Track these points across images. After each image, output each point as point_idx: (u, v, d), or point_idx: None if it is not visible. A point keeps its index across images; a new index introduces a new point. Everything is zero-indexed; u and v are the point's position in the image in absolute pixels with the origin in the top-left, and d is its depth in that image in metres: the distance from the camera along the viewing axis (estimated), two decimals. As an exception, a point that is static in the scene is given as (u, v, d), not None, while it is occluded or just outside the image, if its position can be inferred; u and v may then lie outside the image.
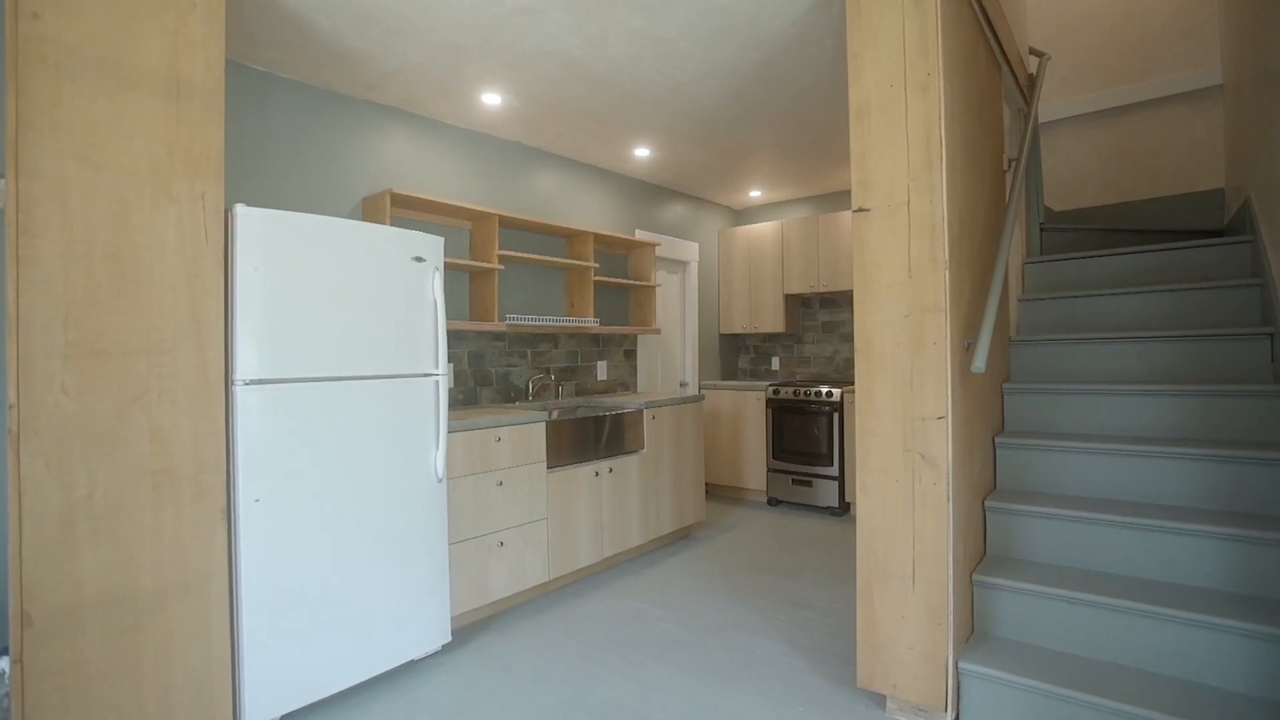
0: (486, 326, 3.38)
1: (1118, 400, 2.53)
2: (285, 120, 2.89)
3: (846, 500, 4.60)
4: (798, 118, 3.57)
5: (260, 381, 1.99)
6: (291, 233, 2.07)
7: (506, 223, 3.63)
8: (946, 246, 1.96)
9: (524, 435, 3.03)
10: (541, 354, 4.00)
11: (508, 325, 3.55)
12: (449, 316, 3.47)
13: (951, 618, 1.97)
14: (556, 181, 4.17)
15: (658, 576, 3.43)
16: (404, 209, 3.23)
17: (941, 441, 1.97)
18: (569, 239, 4.15)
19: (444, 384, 2.52)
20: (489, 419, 2.86)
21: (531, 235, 3.96)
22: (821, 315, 5.40)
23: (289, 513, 2.05)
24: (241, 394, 1.94)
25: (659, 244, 4.49)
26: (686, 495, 4.08)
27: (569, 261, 3.85)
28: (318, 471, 2.12)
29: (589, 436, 3.41)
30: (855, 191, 2.14)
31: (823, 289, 5.01)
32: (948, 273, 1.97)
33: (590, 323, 3.95)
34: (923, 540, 2.01)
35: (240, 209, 1.94)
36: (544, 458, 3.13)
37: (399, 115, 3.32)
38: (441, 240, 2.56)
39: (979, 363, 2.00)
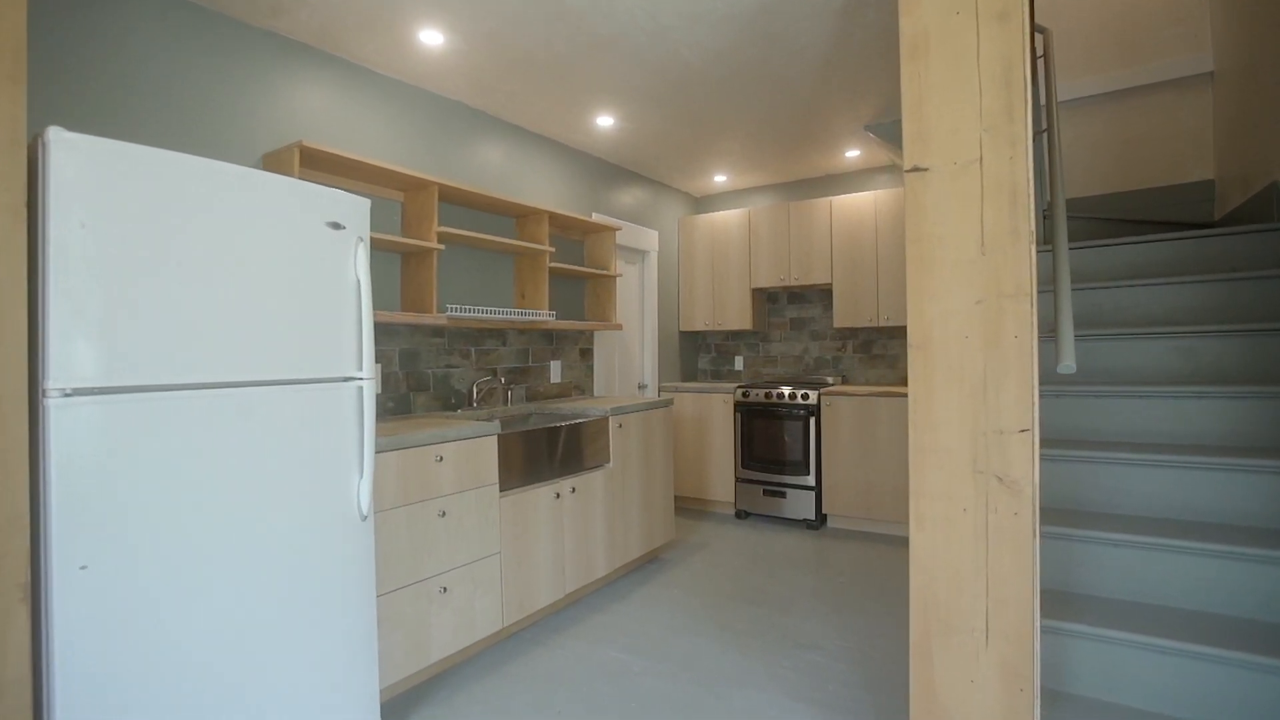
0: (422, 319, 2.77)
1: (1166, 404, 2.22)
2: (155, 43, 2.20)
3: (824, 512, 4.23)
4: (786, 86, 3.14)
5: (93, 391, 1.35)
6: (142, 175, 1.44)
7: (448, 195, 3.03)
8: (1032, 215, 1.55)
9: (471, 452, 2.45)
10: (488, 353, 3.41)
11: (448, 318, 2.95)
12: (377, 306, 2.84)
13: (1038, 682, 1.56)
14: (505, 154, 3.59)
15: (630, 613, 2.92)
16: (318, 170, 2.58)
17: (1025, 461, 1.56)
18: (520, 219, 3.57)
19: (371, 391, 1.92)
20: (428, 433, 2.28)
21: (476, 214, 3.37)
22: (790, 311, 5.03)
23: (138, 581, 1.42)
24: (58, 410, 1.30)
25: (620, 229, 3.99)
26: (656, 514, 3.59)
27: (521, 244, 3.29)
28: (188, 517, 1.50)
29: (547, 451, 2.86)
30: (909, 147, 1.71)
31: (794, 283, 4.63)
32: (1033, 248, 1.55)
33: (545, 316, 3.39)
34: (999, 584, 1.59)
35: (55, 134, 1.30)
36: (495, 479, 2.56)
37: (314, 56, 2.66)
38: (367, 203, 1.96)
39: (1069, 361, 1.61)
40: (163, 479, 1.45)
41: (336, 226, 1.85)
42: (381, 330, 2.87)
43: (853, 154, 4.31)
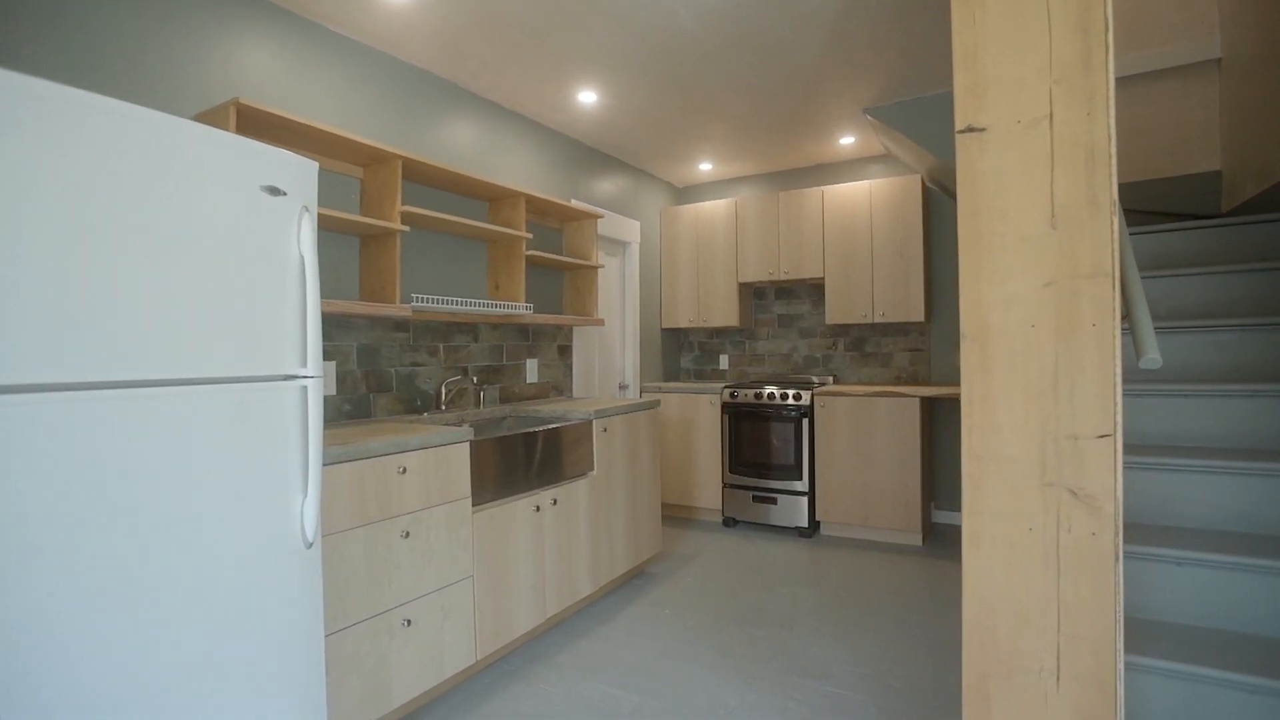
0: (383, 310, 2.44)
1: (1212, 403, 2.02)
2: (55, -22, 1.84)
3: (817, 519, 4.00)
4: (787, 59, 2.89)
5: (-69, 390, 1.01)
6: (10, 109, 1.10)
7: (414, 172, 2.70)
8: (1114, 180, 1.31)
9: (439, 462, 2.14)
10: (457, 349, 3.09)
11: (413, 309, 2.62)
12: (331, 295, 2.50)
13: (1121, 734, 1.32)
14: (478, 133, 3.26)
15: (618, 637, 2.63)
16: (260, 136, 2.23)
17: (1105, 471, 1.32)
18: (494, 203, 3.26)
19: (318, 392, 1.60)
20: (388, 440, 1.95)
21: (445, 196, 3.04)
22: (778, 307, 4.80)
23: (7, 645, 1.07)
24: (-127, 416, 0.95)
25: (602, 216, 3.69)
26: (642, 525, 3.30)
27: (494, 229, 2.97)
28: (76, 550, 1.16)
29: (525, 458, 2.55)
30: (961, 103, 1.46)
31: (784, 277, 4.39)
32: (1115, 220, 1.31)
33: (521, 309, 3.08)
34: (1073, 616, 1.35)
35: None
36: (467, 492, 2.25)
37: (260, 7, 2.31)
38: (314, 166, 1.64)
39: (1153, 353, 1.37)
40: (40, 502, 1.11)
41: (275, 192, 1.52)
42: (336, 322, 2.52)
43: (847, 140, 4.09)
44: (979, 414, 1.43)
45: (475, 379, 3.03)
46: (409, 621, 1.99)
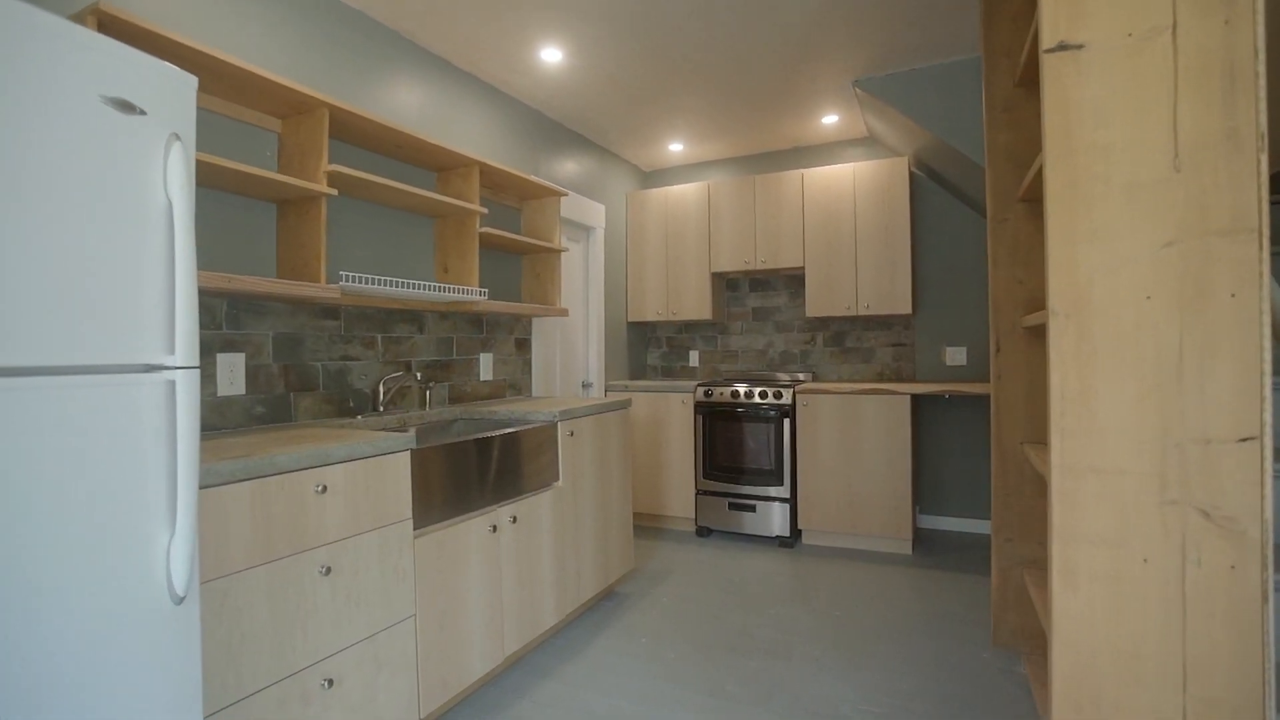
0: (305, 290, 1.99)
1: None
2: None
3: (799, 527, 3.70)
4: (776, 14, 2.57)
5: None
6: None
7: (344, 127, 2.26)
8: (1262, 107, 1.01)
9: (372, 476, 1.71)
10: (399, 341, 2.65)
11: (342, 291, 2.18)
12: (240, 270, 2.04)
13: (1267, 826, 1.02)
14: (426, 95, 2.83)
15: (589, 676, 2.24)
16: (139, 68, 1.76)
17: (1248, 485, 1.02)
18: (443, 173, 2.82)
19: (192, 388, 1.17)
20: (304, 451, 1.53)
21: (383, 162, 2.59)
22: (752, 300, 4.49)
23: None
24: None
25: (566, 195, 3.30)
26: (613, 541, 2.93)
27: (444, 200, 2.54)
28: None
29: (480, 469, 2.15)
30: (1051, 14, 1.14)
31: (760, 266, 4.08)
32: (1264, 159, 1.02)
33: (474, 295, 2.66)
34: (1205, 674, 1.04)
35: None
36: (408, 512, 1.83)
37: (133, -95, 1.84)
38: (190, 82, 1.21)
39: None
40: None
41: (127, 108, 1.09)
42: (246, 305, 2.06)
43: (829, 120, 3.81)
44: (1074, 413, 1.11)
45: (419, 375, 2.60)
46: (330, 681, 1.57)
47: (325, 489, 1.56)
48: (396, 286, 2.33)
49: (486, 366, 3.14)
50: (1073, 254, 1.12)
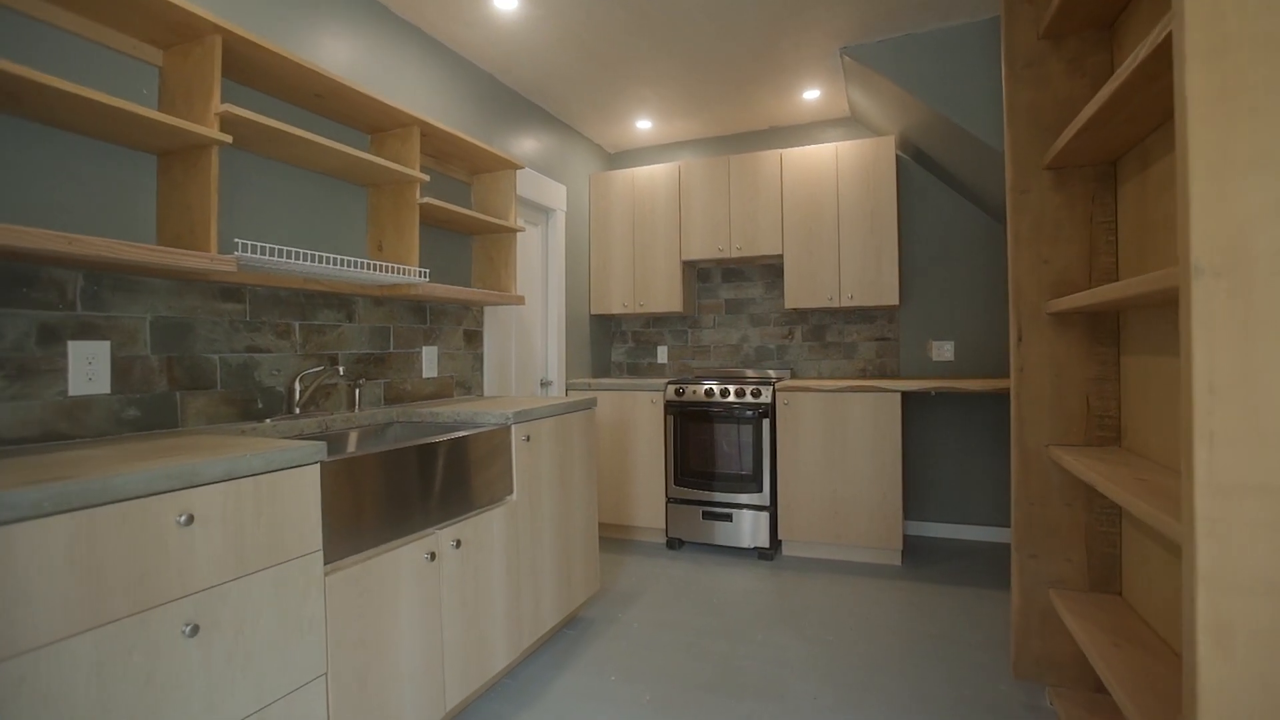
0: (189, 261, 1.57)
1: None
2: None
3: (779, 537, 3.39)
4: (766, -44, 2.25)
5: None
6: None
7: (246, 63, 1.83)
8: None
9: (262, 500, 1.31)
10: (322, 330, 2.23)
11: (239, 263, 1.76)
12: (110, 231, 1.60)
13: None
14: (357, 46, 2.41)
15: (551, 731, 1.88)
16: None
17: None
18: (378, 134, 2.41)
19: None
20: (162, 469, 1.12)
21: (305, 116, 2.17)
22: (725, 291, 4.18)
23: None
24: None
25: (522, 167, 2.92)
26: (577, 560, 2.56)
27: (378, 162, 2.14)
28: None
29: (417, 484, 1.76)
30: None
31: (735, 254, 3.77)
32: None
33: (413, 277, 2.26)
34: None
35: None
36: (316, 543, 1.43)
37: None
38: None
39: None
40: None
41: None
42: (113, 280, 1.63)
43: (811, 95, 3.52)
44: (1228, 410, 0.81)
45: (342, 370, 2.19)
46: (199, 779, 1.16)
47: (191, 519, 1.16)
48: (313, 262, 1.92)
49: (430, 361, 2.73)
50: (1225, 189, 0.82)
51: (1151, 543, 1.69)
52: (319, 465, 1.44)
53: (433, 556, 1.77)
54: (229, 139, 1.64)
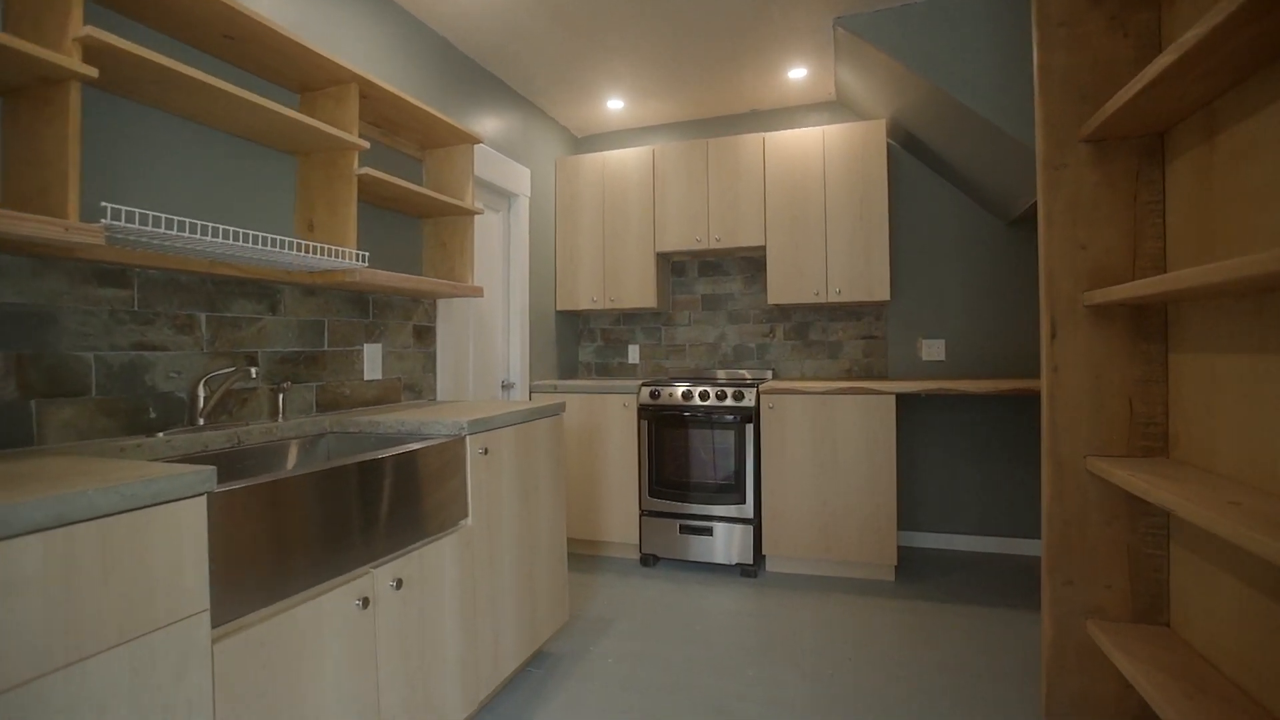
0: (42, 229, 1.20)
1: None
2: None
3: (763, 552, 3.13)
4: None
5: None
6: None
7: (124, -12, 1.46)
8: None
9: (117, 549, 0.96)
10: (237, 324, 1.86)
11: (110, 237, 1.39)
12: (-90, 197, 1.21)
13: None
14: (300, 3, 2.04)
15: (514, 807, 1.55)
16: None
17: None
18: (308, 93, 2.04)
19: None
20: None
21: (215, 64, 1.79)
22: (701, 286, 3.90)
23: None
24: None
25: (481, 141, 2.58)
26: (542, 588, 2.24)
27: (306, 123, 1.77)
28: None
29: (347, 512, 1.42)
30: None
31: (715, 245, 3.50)
32: None
33: (348, 262, 1.91)
34: None
35: None
36: (203, 600, 1.08)
37: None
38: None
39: None
40: None
41: None
42: (-70, 254, 1.24)
43: (797, 74, 3.26)
44: None
45: (256, 371, 1.82)
46: None
47: (-8, 587, 0.81)
48: (217, 237, 1.56)
49: (373, 361, 2.37)
50: None
51: (1215, 568, 1.46)
52: (205, 498, 1.09)
53: (365, 603, 1.42)
54: (94, 72, 1.27)
